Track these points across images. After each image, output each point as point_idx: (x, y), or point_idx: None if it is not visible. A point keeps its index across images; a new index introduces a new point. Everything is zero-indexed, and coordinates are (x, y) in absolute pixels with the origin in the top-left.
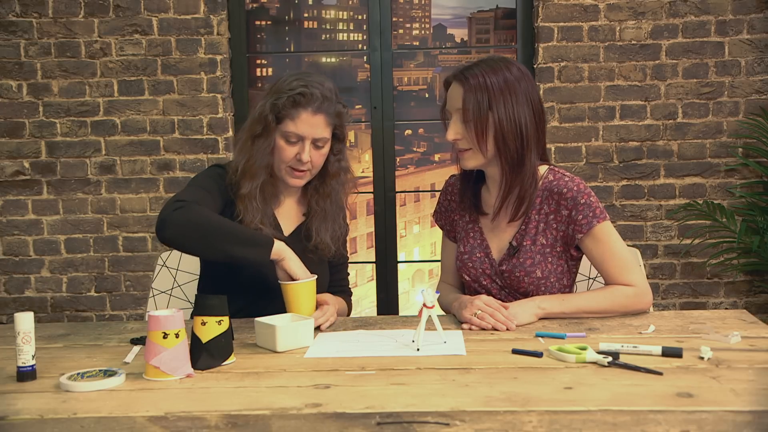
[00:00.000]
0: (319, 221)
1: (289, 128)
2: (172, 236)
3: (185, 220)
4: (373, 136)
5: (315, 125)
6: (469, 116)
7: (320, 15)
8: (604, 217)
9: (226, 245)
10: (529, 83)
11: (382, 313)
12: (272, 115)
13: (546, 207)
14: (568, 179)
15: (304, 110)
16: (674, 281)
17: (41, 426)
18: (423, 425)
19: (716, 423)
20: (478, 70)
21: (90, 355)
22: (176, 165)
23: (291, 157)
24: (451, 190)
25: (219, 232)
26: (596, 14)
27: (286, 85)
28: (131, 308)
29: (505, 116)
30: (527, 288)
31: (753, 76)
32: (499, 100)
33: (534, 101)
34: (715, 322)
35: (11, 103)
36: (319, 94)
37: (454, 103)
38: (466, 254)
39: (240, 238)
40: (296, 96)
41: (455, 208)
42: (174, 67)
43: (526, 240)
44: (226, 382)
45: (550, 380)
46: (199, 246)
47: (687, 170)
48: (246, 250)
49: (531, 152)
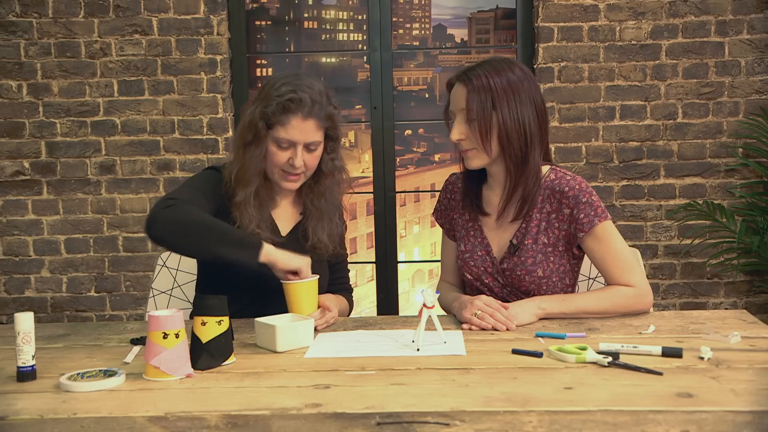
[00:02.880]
0: (315, 221)
1: (281, 134)
2: (161, 234)
3: (174, 218)
4: (373, 136)
5: (306, 130)
6: (473, 116)
7: (320, 15)
8: (606, 216)
9: (214, 246)
10: (531, 84)
11: (382, 313)
12: (262, 122)
13: (548, 206)
14: (570, 178)
15: (294, 116)
16: (674, 281)
17: (41, 426)
18: (423, 425)
19: (716, 423)
20: (481, 71)
21: (90, 355)
22: (176, 165)
23: (284, 161)
24: (451, 188)
25: (208, 232)
26: (596, 14)
27: (275, 91)
28: (131, 308)
29: (509, 116)
30: (528, 287)
31: (753, 76)
32: (503, 100)
33: (537, 101)
34: (715, 322)
35: (11, 103)
36: (309, 99)
37: (457, 103)
38: (467, 253)
39: (229, 239)
40: (285, 102)
41: (455, 207)
42: (174, 67)
43: (528, 239)
44: (226, 382)
45: (550, 380)
46: (188, 245)
47: (687, 170)
48: (235, 252)
49: (534, 151)
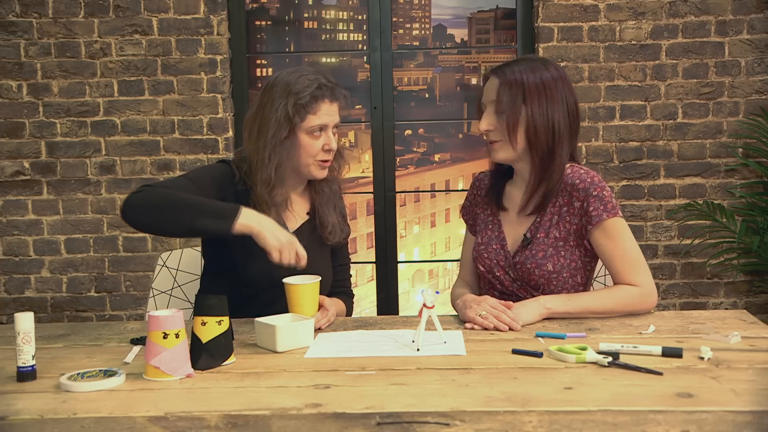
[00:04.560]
0: (327, 206)
1: (313, 123)
2: (135, 217)
3: (144, 199)
4: (373, 136)
5: (333, 112)
6: (502, 108)
7: (320, 15)
8: (616, 212)
9: (186, 218)
10: (565, 84)
11: (382, 313)
12: (298, 116)
13: (560, 199)
14: (584, 172)
15: (323, 101)
16: (674, 281)
17: (41, 426)
18: (423, 425)
19: (716, 423)
20: (517, 67)
21: (90, 355)
22: (176, 165)
23: (318, 149)
24: (478, 185)
25: (179, 206)
26: (596, 14)
27: (301, 85)
28: (131, 308)
29: (539, 112)
30: (538, 281)
31: (753, 76)
32: (534, 96)
33: (569, 102)
34: (715, 322)
35: (11, 103)
36: (329, 83)
37: (489, 95)
38: (483, 245)
39: (202, 210)
40: (315, 91)
41: (479, 203)
42: (174, 67)
43: (540, 232)
44: (226, 382)
45: (550, 380)
46: (159, 221)
47: (687, 170)
48: (207, 222)
49: (562, 150)
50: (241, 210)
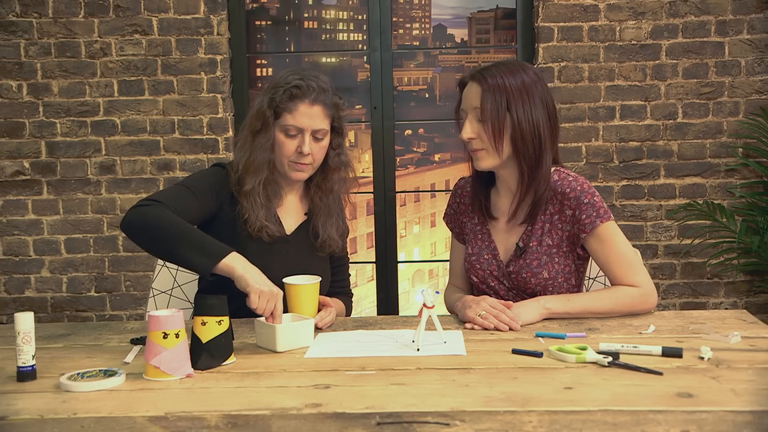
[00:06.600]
0: (324, 217)
1: (288, 121)
2: (130, 232)
3: (142, 219)
4: (373, 136)
5: (313, 116)
6: (487, 115)
7: (320, 15)
8: (608, 216)
9: (173, 246)
10: (544, 86)
11: (382, 313)
12: (270, 110)
13: (551, 207)
14: (572, 179)
15: (301, 102)
16: (674, 281)
17: (41, 426)
18: (423, 425)
19: (716, 423)
20: (496, 70)
21: (90, 355)
22: (176, 165)
23: (292, 151)
24: (460, 192)
25: (169, 233)
26: (596, 14)
27: (282, 80)
28: (131, 308)
29: (524, 117)
30: (534, 289)
31: (753, 76)
32: (518, 101)
33: (549, 104)
34: (715, 322)
35: (11, 103)
36: (315, 86)
37: (470, 101)
38: (474, 256)
39: (190, 242)
40: (292, 89)
41: (464, 211)
42: (174, 67)
43: (533, 241)
44: (226, 382)
45: (550, 380)
46: (150, 245)
47: (687, 170)
48: (191, 254)
49: (547, 154)
50: (232, 253)
